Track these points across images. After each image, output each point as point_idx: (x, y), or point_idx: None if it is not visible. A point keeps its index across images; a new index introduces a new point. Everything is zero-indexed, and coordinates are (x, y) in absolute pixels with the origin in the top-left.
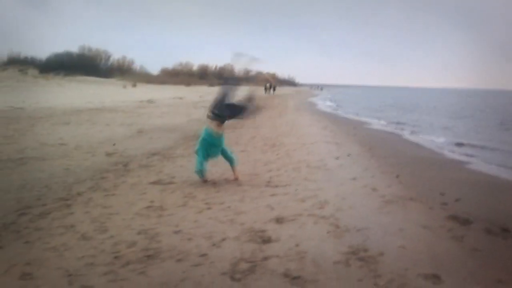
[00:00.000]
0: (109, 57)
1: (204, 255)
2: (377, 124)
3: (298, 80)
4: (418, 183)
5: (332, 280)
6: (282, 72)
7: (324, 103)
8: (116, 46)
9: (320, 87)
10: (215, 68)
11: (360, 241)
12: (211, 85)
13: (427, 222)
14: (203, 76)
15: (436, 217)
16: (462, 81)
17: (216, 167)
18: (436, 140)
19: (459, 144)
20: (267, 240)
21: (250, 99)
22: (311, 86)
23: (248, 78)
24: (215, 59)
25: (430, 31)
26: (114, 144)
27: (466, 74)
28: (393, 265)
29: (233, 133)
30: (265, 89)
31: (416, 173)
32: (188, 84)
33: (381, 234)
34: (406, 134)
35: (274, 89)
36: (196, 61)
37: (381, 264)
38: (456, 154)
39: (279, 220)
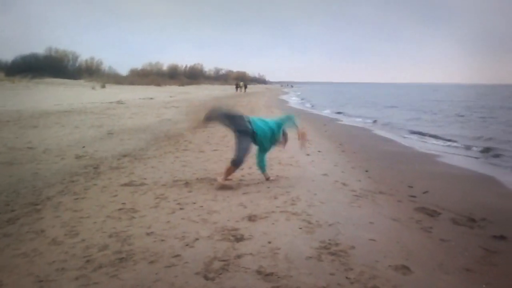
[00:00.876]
0: (76, 58)
1: (177, 255)
2: (347, 120)
3: (269, 78)
4: (387, 177)
5: (305, 276)
6: (253, 70)
7: (294, 100)
8: (84, 47)
9: (291, 84)
10: (185, 67)
11: (331, 235)
12: (182, 84)
13: (397, 214)
14: (173, 75)
15: (405, 209)
16: (440, 76)
17: (187, 167)
18: (404, 134)
19: (424, 136)
20: (240, 238)
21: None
22: (282, 83)
23: (217, 77)
24: (185, 58)
25: (403, 26)
26: (83, 147)
27: (440, 69)
28: (364, 258)
29: (204, 133)
30: (237, 87)
31: (385, 167)
32: (158, 84)
33: (352, 228)
34: (376, 129)
35: (245, 88)
36: (165, 60)
37: (352, 258)
38: (423, 147)
39: (251, 218)
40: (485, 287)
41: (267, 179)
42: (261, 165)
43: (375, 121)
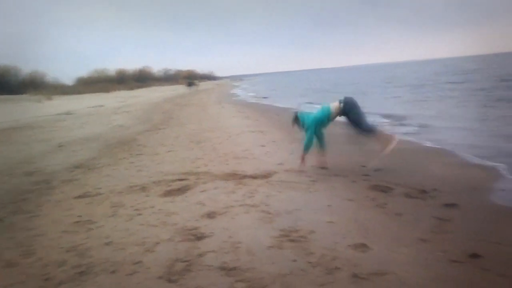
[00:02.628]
0: (18, 72)
1: (138, 262)
2: (299, 108)
3: (219, 73)
4: (340, 159)
5: (268, 265)
6: (202, 67)
7: (245, 94)
8: (25, 60)
9: (241, 78)
10: (134, 71)
11: (291, 223)
12: (131, 88)
13: (352, 195)
14: (122, 80)
15: (360, 189)
16: (388, 56)
17: (142, 171)
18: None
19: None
20: (200, 237)
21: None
22: (232, 78)
23: (167, 78)
24: (132, 62)
25: (349, 12)
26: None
27: (387, 50)
28: (324, 240)
29: (157, 134)
30: (188, 85)
31: (338, 150)
32: (107, 90)
33: (311, 213)
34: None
35: (196, 85)
36: (112, 66)
37: (313, 242)
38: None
39: (211, 215)
40: (440, 254)
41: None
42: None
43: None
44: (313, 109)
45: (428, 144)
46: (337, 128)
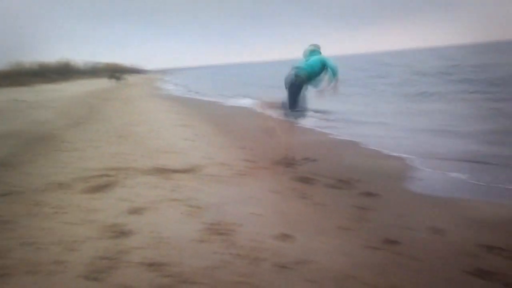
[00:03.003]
0: None
1: (60, 262)
2: (227, 101)
3: (147, 67)
4: (266, 152)
5: (194, 259)
6: (129, 61)
7: (174, 88)
8: None
9: (170, 71)
10: (57, 63)
11: (217, 216)
12: (54, 82)
13: (277, 187)
14: (43, 74)
15: (285, 181)
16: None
17: (64, 167)
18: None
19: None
20: (125, 233)
21: None
22: (161, 71)
23: (91, 71)
24: (54, 53)
25: (274, 5)
26: None
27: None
28: (249, 232)
29: (81, 130)
30: (114, 79)
31: (264, 143)
32: (27, 84)
33: (236, 205)
34: (255, 108)
35: (124, 79)
36: (33, 57)
37: (237, 234)
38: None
39: (136, 211)
40: (359, 241)
41: None
42: None
43: (251, 99)
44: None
45: (347, 137)
46: (261, 120)
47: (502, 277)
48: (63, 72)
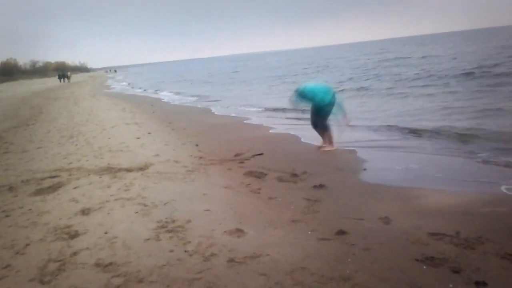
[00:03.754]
0: None
1: (7, 266)
2: (174, 98)
3: (92, 65)
4: (216, 148)
5: (144, 258)
6: (73, 59)
7: (119, 85)
8: None
9: (114, 69)
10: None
11: (168, 214)
12: None
13: (228, 182)
14: None
15: (235, 176)
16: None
17: (9, 170)
18: (226, 105)
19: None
20: (74, 235)
21: None
22: (106, 69)
23: (35, 71)
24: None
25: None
26: None
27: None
28: (201, 229)
29: (25, 131)
30: (60, 78)
31: (214, 139)
32: None
33: (188, 202)
34: (201, 104)
35: (68, 78)
36: None
37: (190, 231)
38: (248, 116)
39: (85, 212)
40: (310, 233)
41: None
42: None
43: (198, 97)
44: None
45: (292, 132)
46: (210, 117)
47: (450, 263)
48: (5, 72)
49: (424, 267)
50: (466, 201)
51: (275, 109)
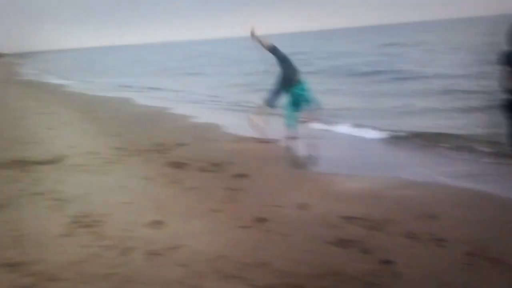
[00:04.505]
0: None
1: None
2: (92, 87)
3: (4, 50)
4: (137, 139)
5: (58, 255)
6: None
7: (36, 72)
8: None
9: (29, 54)
10: None
11: (84, 208)
12: None
13: (148, 173)
14: None
15: (156, 166)
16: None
17: None
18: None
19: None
20: None
21: None
22: (17, 55)
23: None
24: None
25: None
26: None
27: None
28: (119, 222)
29: None
30: None
31: (135, 129)
32: None
33: (105, 195)
34: (121, 93)
35: None
36: None
37: (107, 225)
38: (170, 106)
39: None
40: (230, 222)
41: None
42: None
43: (121, 86)
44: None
45: (211, 121)
46: (132, 107)
47: (361, 245)
48: None
49: (337, 249)
50: (375, 186)
51: (196, 101)
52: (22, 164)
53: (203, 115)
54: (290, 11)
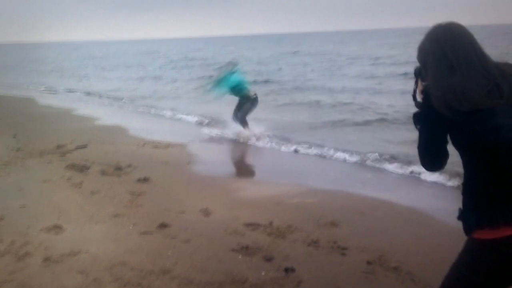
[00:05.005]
0: None
1: None
2: None
3: None
4: (36, 140)
5: None
6: None
7: None
8: None
9: None
10: None
11: None
12: None
13: (48, 176)
14: None
15: (56, 169)
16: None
17: None
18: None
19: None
20: None
21: None
22: None
23: None
24: None
25: None
26: None
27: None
28: (14, 226)
29: None
30: None
31: (35, 130)
32: None
33: (0, 199)
34: (20, 94)
35: None
36: None
37: (2, 229)
38: (75, 106)
39: None
40: (132, 228)
41: None
42: None
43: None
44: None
45: (117, 123)
46: (33, 107)
47: (263, 252)
48: None
49: (240, 256)
50: (279, 193)
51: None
52: None
53: (109, 117)
54: (192, 15)
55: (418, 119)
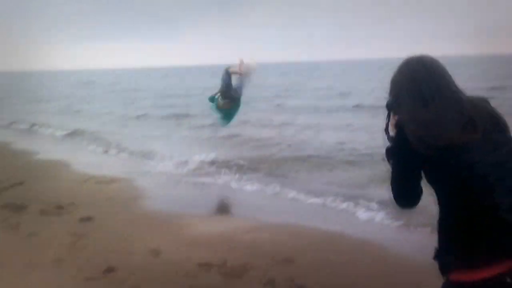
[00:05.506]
0: None
1: None
2: None
3: None
4: None
5: None
6: None
7: None
8: None
9: None
10: None
11: None
12: None
13: None
14: None
15: None
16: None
17: None
18: None
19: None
20: None
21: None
22: None
23: None
24: None
25: None
26: None
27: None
28: None
29: None
30: None
31: None
32: None
33: None
34: None
35: None
36: None
37: None
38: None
39: None
40: (76, 273)
41: None
42: None
43: None
44: None
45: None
46: None
47: None
48: None
49: None
50: (232, 228)
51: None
52: None
53: (50, 151)
54: (136, 44)
55: (392, 154)
